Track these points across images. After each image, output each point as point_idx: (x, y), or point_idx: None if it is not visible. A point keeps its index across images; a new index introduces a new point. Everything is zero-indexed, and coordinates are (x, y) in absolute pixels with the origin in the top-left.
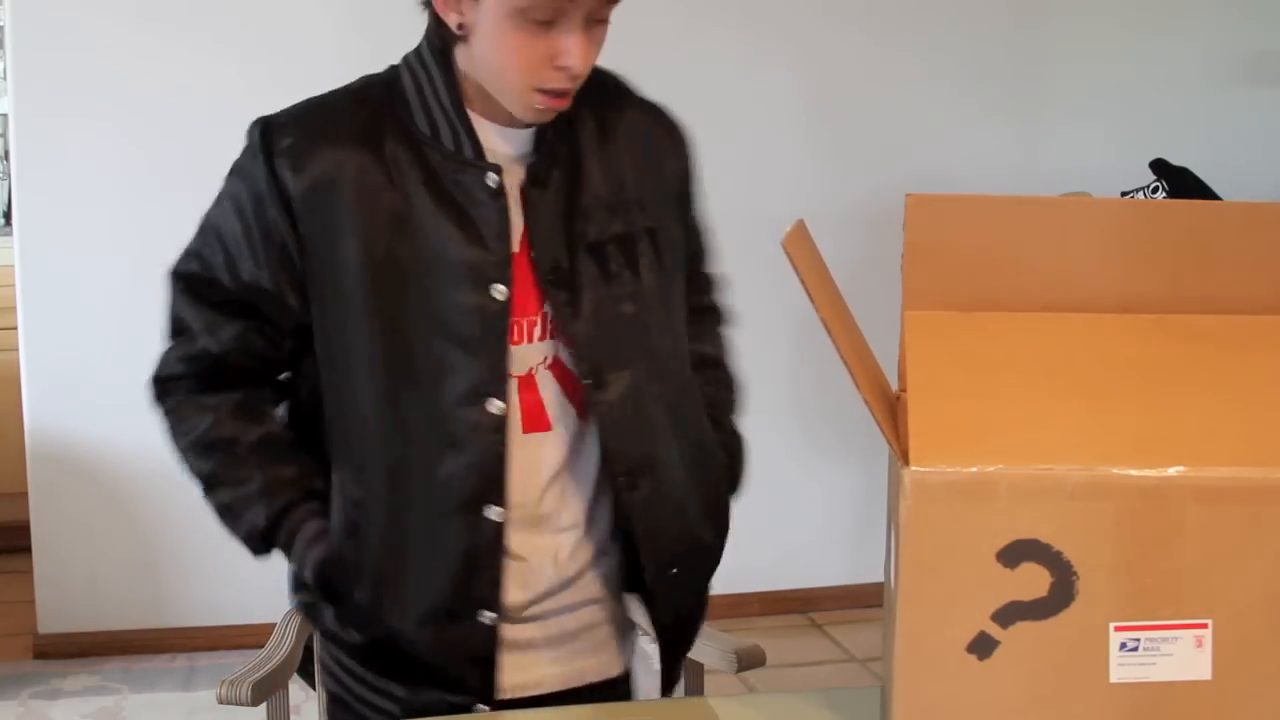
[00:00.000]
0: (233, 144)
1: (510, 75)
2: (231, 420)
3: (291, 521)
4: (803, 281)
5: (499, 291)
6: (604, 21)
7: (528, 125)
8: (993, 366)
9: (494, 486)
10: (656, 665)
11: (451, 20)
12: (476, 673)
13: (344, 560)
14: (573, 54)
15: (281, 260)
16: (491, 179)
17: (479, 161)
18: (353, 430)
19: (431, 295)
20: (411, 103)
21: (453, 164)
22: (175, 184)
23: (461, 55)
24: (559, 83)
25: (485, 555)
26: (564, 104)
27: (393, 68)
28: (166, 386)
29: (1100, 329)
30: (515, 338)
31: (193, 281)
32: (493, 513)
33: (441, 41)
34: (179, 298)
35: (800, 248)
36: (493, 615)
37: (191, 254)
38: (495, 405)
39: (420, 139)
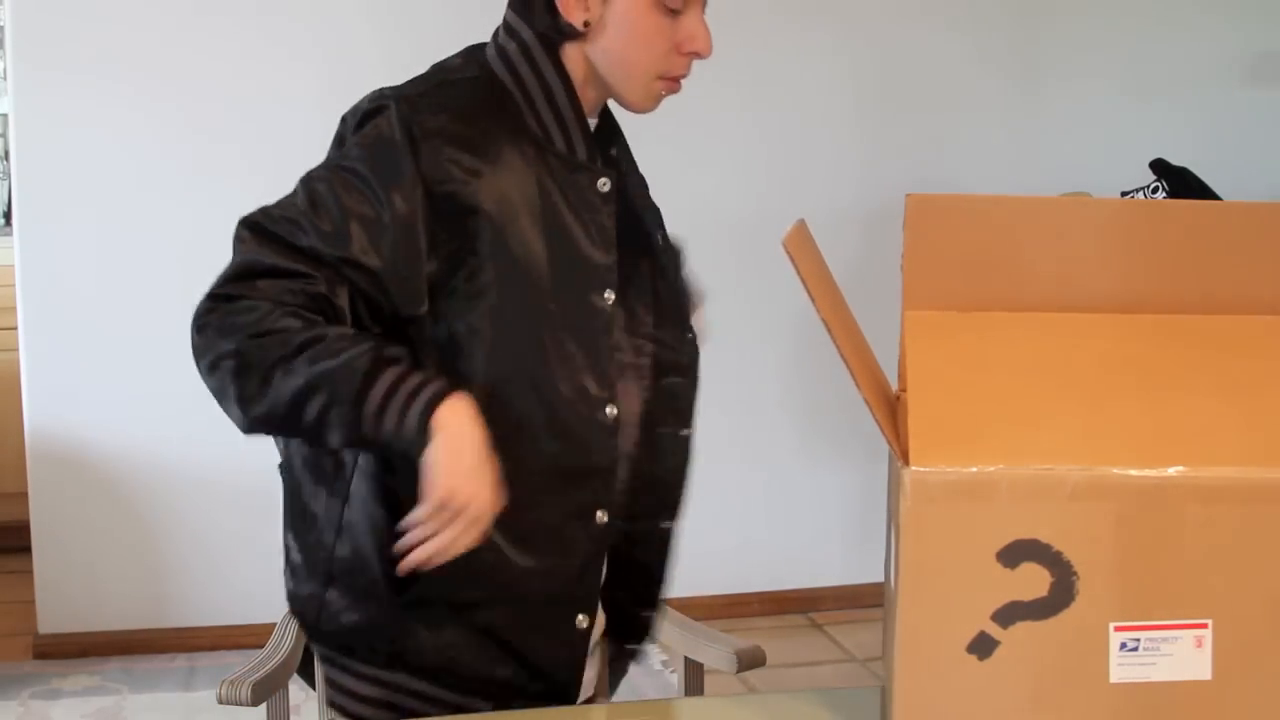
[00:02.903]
0: (232, 144)
1: (642, 64)
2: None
3: (401, 366)
4: (804, 281)
5: (610, 296)
6: None
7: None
8: (993, 366)
9: (607, 489)
10: (657, 665)
11: (577, 18)
12: (567, 674)
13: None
14: (700, 40)
15: (411, 246)
16: (604, 183)
17: (591, 165)
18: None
19: (564, 294)
20: (519, 102)
21: (566, 165)
22: (175, 184)
23: (572, 53)
24: (684, 69)
25: (595, 558)
26: (678, 88)
27: (472, 62)
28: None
29: (1100, 329)
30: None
31: (278, 239)
32: (601, 516)
33: (553, 40)
34: (265, 247)
35: (801, 248)
36: (587, 619)
37: (285, 219)
38: (611, 410)
39: (535, 138)
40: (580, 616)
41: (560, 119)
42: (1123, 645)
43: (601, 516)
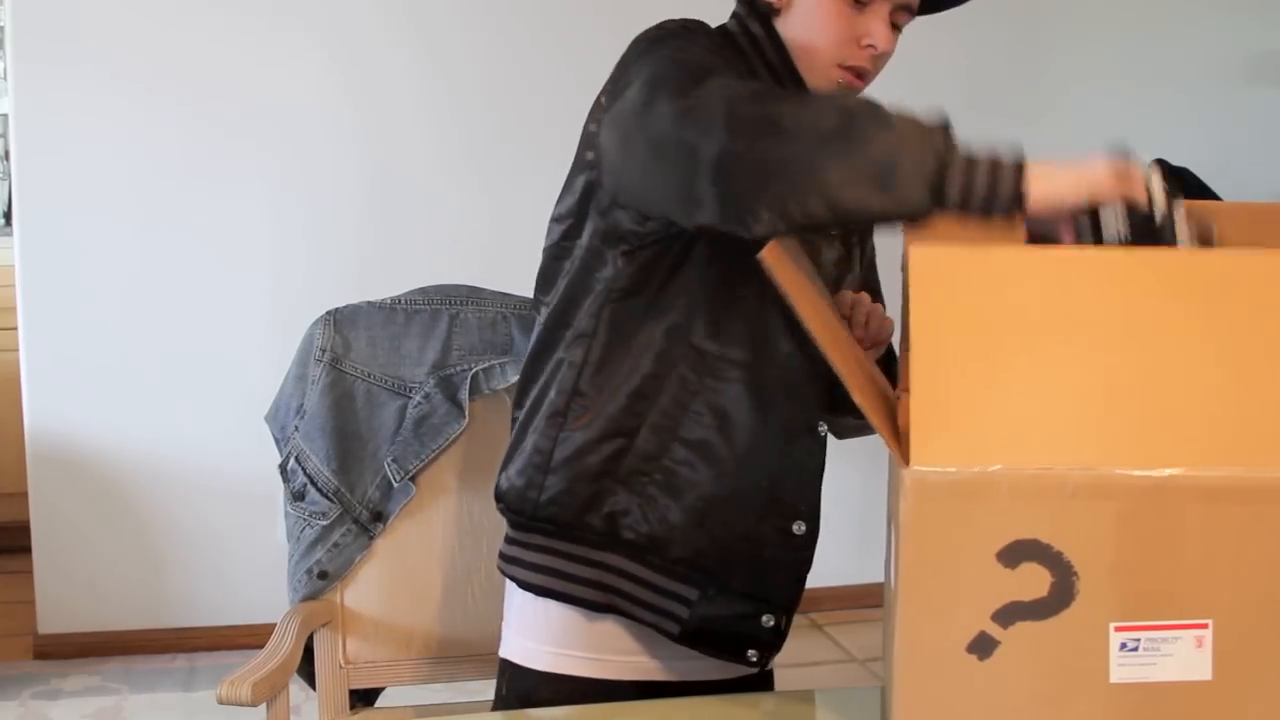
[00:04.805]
0: (232, 144)
1: (821, 48)
2: None
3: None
4: (786, 294)
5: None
6: (898, 28)
7: None
8: (993, 367)
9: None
10: None
11: None
12: (788, 581)
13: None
14: (877, 35)
15: None
16: None
17: None
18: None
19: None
20: (753, 63)
21: None
22: (175, 184)
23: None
24: (861, 61)
25: (816, 469)
26: (860, 84)
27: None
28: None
29: (1100, 331)
30: None
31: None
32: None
33: (763, 12)
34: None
35: (781, 259)
36: (804, 527)
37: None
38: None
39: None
40: (798, 524)
41: (793, 76)
42: (1123, 645)
43: (823, 430)
